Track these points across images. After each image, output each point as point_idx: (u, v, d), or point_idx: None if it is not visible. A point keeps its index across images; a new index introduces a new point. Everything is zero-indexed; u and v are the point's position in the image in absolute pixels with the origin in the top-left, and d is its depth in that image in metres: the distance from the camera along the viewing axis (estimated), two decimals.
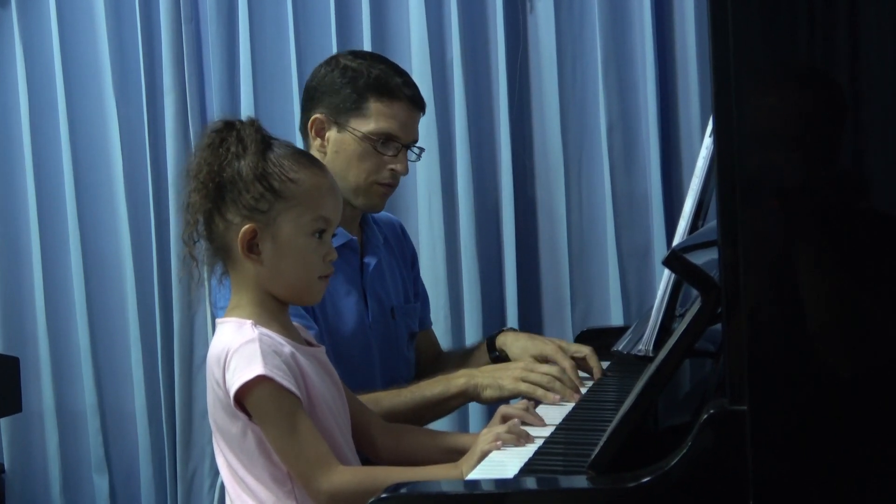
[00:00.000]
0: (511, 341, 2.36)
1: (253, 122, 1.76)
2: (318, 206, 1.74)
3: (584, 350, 2.25)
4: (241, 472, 1.72)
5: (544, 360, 2.24)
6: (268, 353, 1.66)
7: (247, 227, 1.71)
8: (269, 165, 1.72)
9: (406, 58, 3.16)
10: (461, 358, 2.46)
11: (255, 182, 1.70)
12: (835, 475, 1.36)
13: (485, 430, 1.75)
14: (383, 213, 2.51)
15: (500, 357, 2.37)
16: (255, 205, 1.71)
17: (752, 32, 1.36)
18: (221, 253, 1.76)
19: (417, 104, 2.32)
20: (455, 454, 1.80)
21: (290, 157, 1.75)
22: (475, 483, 1.51)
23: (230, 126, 1.75)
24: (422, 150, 2.38)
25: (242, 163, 1.71)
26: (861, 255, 1.36)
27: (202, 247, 1.77)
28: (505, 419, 1.84)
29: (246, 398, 1.66)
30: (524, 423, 1.81)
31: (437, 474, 1.67)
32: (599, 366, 2.23)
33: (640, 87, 3.12)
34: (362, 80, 2.27)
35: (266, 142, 1.74)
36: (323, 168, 1.80)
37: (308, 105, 2.33)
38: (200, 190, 1.72)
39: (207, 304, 3.27)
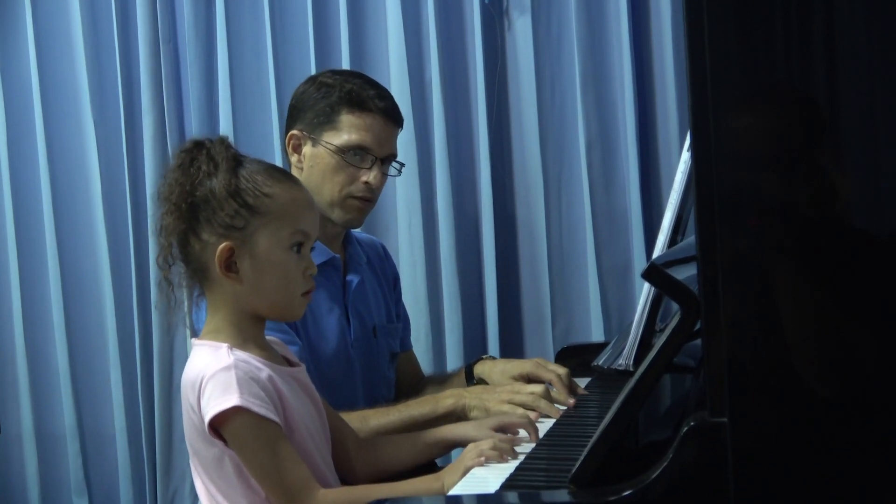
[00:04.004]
0: (489, 368, 2.36)
1: (223, 140, 1.74)
2: (296, 220, 1.72)
3: (561, 371, 2.25)
4: (219, 497, 1.70)
5: (528, 380, 2.24)
6: (244, 380, 1.65)
7: (223, 245, 1.69)
8: (241, 181, 1.70)
9: (385, 78, 3.16)
10: (441, 384, 2.45)
11: (229, 199, 1.68)
12: (814, 486, 1.36)
13: (471, 446, 1.73)
14: (365, 235, 2.51)
15: (478, 384, 2.37)
16: (230, 222, 1.69)
17: (728, 51, 1.37)
18: (198, 274, 1.74)
19: (392, 117, 2.31)
20: (434, 448, 1.86)
21: (262, 172, 1.73)
22: (457, 499, 1.51)
23: (199, 145, 1.73)
24: (402, 164, 2.38)
25: (215, 181, 1.69)
26: (837, 269, 1.37)
27: (178, 270, 1.75)
28: (502, 428, 1.85)
29: (222, 427, 1.65)
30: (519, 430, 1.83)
31: (418, 488, 1.66)
32: (570, 388, 2.21)
33: (618, 104, 3.13)
34: (335, 93, 2.27)
35: (237, 159, 1.73)
36: (297, 182, 1.78)
37: (288, 123, 2.35)
38: (174, 212, 1.70)
39: (187, 325, 3.25)
